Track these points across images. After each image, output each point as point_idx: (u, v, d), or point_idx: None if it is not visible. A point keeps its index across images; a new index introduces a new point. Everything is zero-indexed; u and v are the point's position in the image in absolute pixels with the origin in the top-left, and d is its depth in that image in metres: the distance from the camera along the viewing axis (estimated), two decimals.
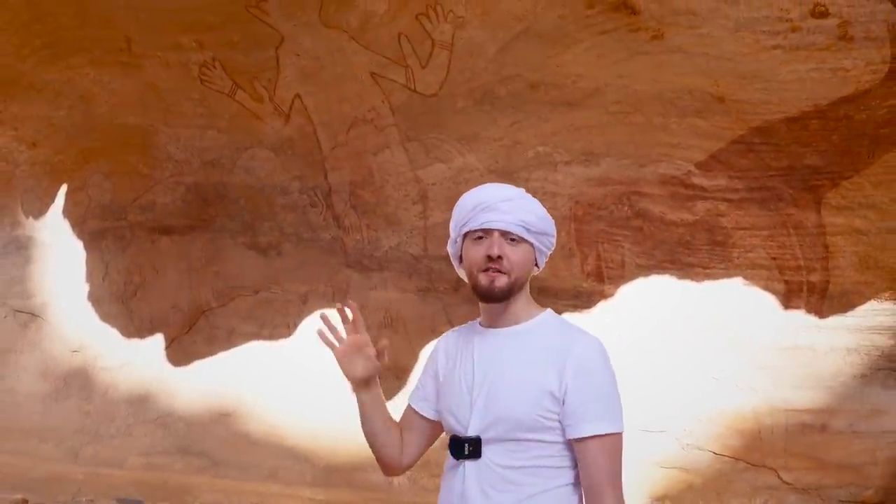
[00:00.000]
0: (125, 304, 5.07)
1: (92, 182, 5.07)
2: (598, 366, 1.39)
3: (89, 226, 5.16)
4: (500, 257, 1.42)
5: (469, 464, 1.40)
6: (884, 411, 3.34)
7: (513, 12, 3.46)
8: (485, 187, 1.53)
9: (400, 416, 1.63)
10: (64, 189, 5.18)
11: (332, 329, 1.53)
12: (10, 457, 4.76)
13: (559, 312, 4.37)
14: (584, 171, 3.77)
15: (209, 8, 3.94)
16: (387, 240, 4.39)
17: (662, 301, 3.75)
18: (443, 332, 1.71)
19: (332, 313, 1.54)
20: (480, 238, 1.46)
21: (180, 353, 4.93)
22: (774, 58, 3.06)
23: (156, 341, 4.98)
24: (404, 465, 1.59)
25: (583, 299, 3.90)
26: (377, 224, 4.40)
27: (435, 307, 4.22)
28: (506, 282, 1.43)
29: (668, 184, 3.61)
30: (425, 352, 4.06)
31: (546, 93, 3.65)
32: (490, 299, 1.45)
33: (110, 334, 5.07)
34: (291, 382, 4.46)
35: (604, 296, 3.87)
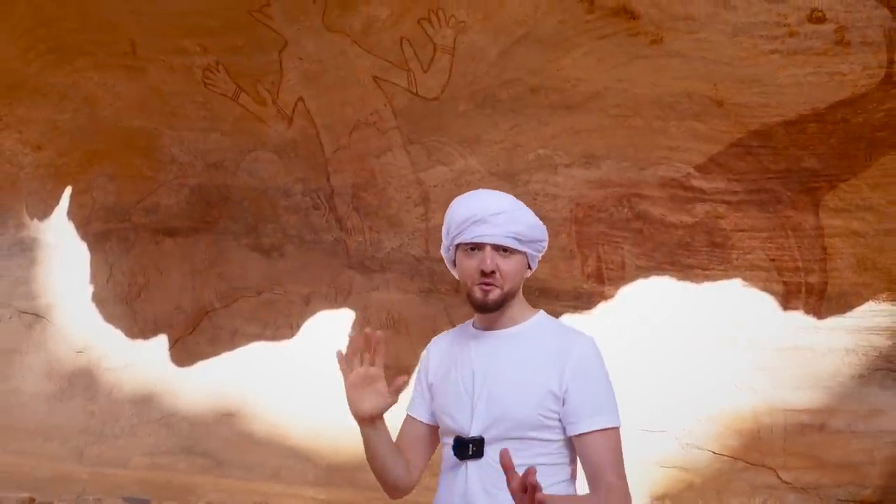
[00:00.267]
0: (129, 305, 5.06)
1: (96, 184, 5.06)
2: (595, 365, 1.43)
3: (94, 227, 5.14)
4: (493, 272, 1.44)
5: (471, 464, 1.42)
6: (882, 411, 3.33)
7: (514, 17, 3.46)
8: (476, 196, 1.52)
9: (399, 430, 1.59)
10: (68, 191, 5.16)
11: (354, 355, 1.42)
12: (15, 456, 4.76)
13: (560, 314, 4.35)
14: (585, 173, 3.76)
15: (213, 12, 3.93)
16: (389, 241, 4.40)
17: (662, 302, 3.75)
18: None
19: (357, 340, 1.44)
20: (473, 250, 1.47)
21: (184, 354, 4.92)
22: (772, 62, 3.05)
23: (160, 342, 4.98)
24: (412, 483, 1.57)
25: (583, 300, 3.90)
26: (379, 226, 4.40)
27: (436, 308, 4.22)
28: (499, 294, 1.45)
29: (668, 186, 3.61)
30: None
31: (546, 96, 3.65)
32: (485, 311, 1.47)
33: (114, 335, 5.06)
34: (294, 383, 4.46)
35: (604, 297, 3.86)
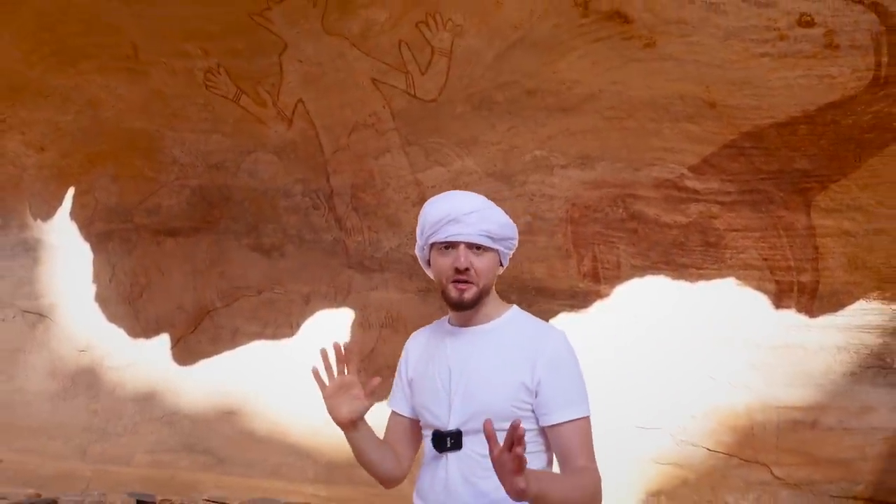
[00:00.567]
0: (131, 305, 5.08)
1: (99, 185, 5.07)
2: (566, 358, 1.48)
3: (96, 228, 5.16)
4: (468, 269, 1.48)
5: (451, 455, 1.47)
6: (873, 408, 3.32)
7: (510, 21, 3.46)
8: (448, 198, 1.56)
9: (386, 426, 1.66)
10: (71, 192, 5.18)
11: (327, 368, 1.50)
12: (19, 454, 4.79)
13: (556, 312, 4.36)
14: (580, 174, 3.76)
15: (214, 16, 3.95)
16: (387, 241, 4.41)
17: (657, 301, 3.75)
18: None
19: (330, 351, 1.50)
20: (447, 248, 1.51)
21: (186, 353, 4.95)
22: (763, 65, 3.05)
23: (162, 341, 5.00)
24: (404, 473, 1.63)
25: (579, 299, 3.90)
26: (378, 226, 4.41)
27: (434, 307, 4.18)
28: (474, 292, 1.50)
29: (662, 187, 3.61)
30: None
31: (542, 98, 3.66)
32: (460, 308, 1.52)
33: (117, 334, 5.09)
34: (294, 381, 4.43)
35: (600, 296, 3.86)
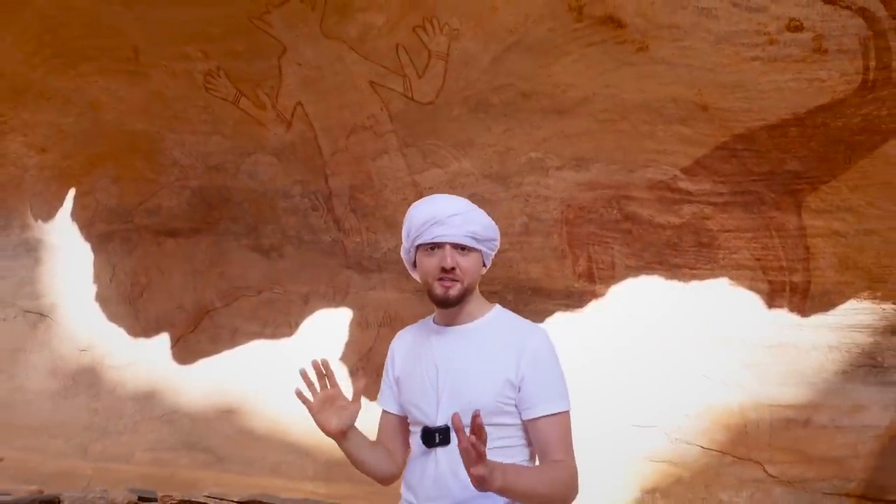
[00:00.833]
0: (132, 305, 5.10)
1: (99, 186, 5.09)
2: (547, 355, 1.53)
3: (97, 229, 5.18)
4: (454, 268, 1.54)
5: (440, 450, 1.52)
6: (865, 406, 3.34)
7: (505, 25, 3.47)
8: (434, 201, 1.61)
9: (378, 425, 1.71)
10: (72, 193, 5.20)
11: (310, 385, 1.54)
12: (21, 452, 4.81)
13: (552, 312, 4.38)
14: (575, 175, 3.78)
15: (214, 20, 3.98)
16: (385, 242, 4.43)
17: (651, 300, 3.77)
18: None
19: (310, 369, 1.56)
20: (433, 249, 1.56)
21: (185, 352, 4.97)
22: (754, 69, 3.06)
23: (162, 340, 5.03)
24: (400, 470, 1.67)
25: (574, 299, 3.93)
26: (376, 227, 4.43)
27: (432, 307, 4.21)
28: (459, 289, 1.55)
29: (656, 188, 3.63)
30: None
31: (537, 101, 3.67)
32: (446, 305, 1.57)
33: (117, 334, 5.11)
34: (293, 380, 4.46)
35: (595, 296, 3.88)
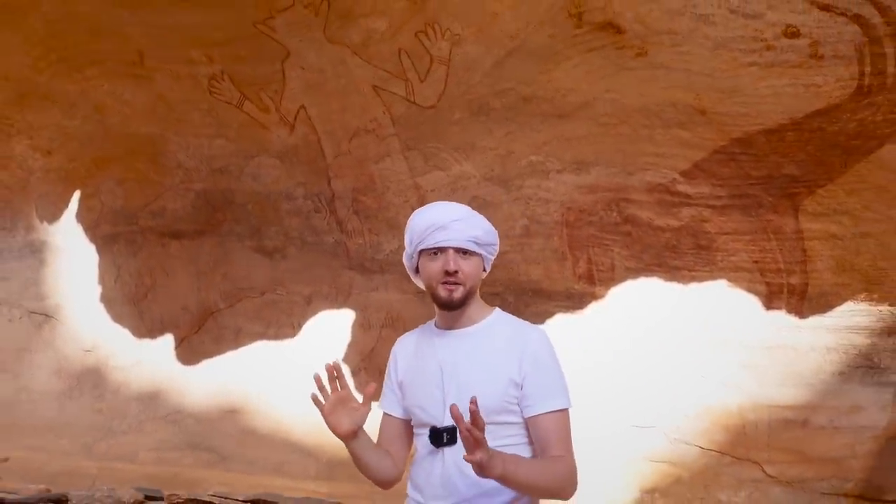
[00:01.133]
0: (136, 306, 5.11)
1: (104, 188, 5.09)
2: (547, 355, 1.58)
3: (102, 230, 5.18)
4: (457, 271, 1.58)
5: (447, 450, 1.55)
6: (862, 407, 3.37)
7: (506, 31, 3.49)
8: (435, 208, 1.67)
9: (378, 428, 1.72)
10: (77, 195, 5.19)
11: (321, 388, 1.56)
12: (27, 452, 4.81)
13: (552, 314, 4.41)
14: (575, 178, 3.80)
15: (218, 24, 4.00)
16: (388, 244, 4.45)
17: (651, 302, 3.78)
18: None
19: (322, 373, 1.56)
20: (436, 254, 1.61)
21: (189, 353, 4.97)
22: (751, 74, 3.09)
23: (166, 341, 5.03)
24: (400, 473, 1.70)
25: (575, 301, 3.95)
26: (378, 228, 4.45)
27: (433, 308, 4.24)
28: (462, 292, 1.60)
29: (655, 191, 3.64)
30: None
31: (538, 105, 3.70)
32: (449, 308, 1.62)
33: (122, 334, 5.11)
34: (296, 380, 4.30)
35: (595, 297, 3.90)
